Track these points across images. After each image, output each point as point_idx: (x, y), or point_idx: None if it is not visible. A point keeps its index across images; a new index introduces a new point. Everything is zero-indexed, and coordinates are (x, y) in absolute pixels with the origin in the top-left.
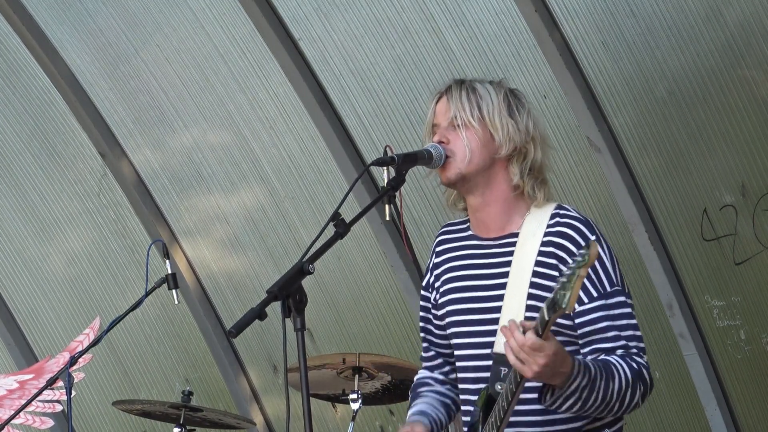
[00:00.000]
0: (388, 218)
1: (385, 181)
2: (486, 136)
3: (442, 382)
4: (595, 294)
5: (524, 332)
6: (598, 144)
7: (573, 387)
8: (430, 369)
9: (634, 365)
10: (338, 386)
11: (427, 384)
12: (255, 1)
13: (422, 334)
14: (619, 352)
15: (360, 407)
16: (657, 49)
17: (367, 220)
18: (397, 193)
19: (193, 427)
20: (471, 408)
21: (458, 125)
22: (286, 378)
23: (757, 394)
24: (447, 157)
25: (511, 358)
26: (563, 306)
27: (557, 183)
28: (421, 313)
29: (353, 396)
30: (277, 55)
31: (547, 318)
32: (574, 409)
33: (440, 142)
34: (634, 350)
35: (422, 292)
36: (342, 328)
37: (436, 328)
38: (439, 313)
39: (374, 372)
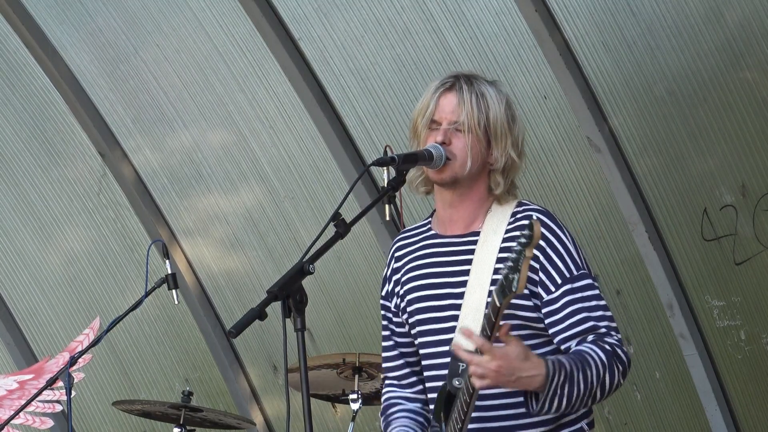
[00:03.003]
0: (388, 218)
1: (385, 181)
2: (485, 145)
3: (412, 400)
4: (560, 281)
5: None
6: (598, 144)
7: (552, 387)
8: (398, 387)
9: (607, 347)
10: (338, 386)
11: (398, 404)
12: (255, 1)
13: (385, 343)
14: (590, 337)
15: (360, 407)
16: (657, 49)
17: (367, 220)
18: (397, 193)
19: (193, 428)
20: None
21: (464, 130)
22: (286, 378)
23: (757, 394)
24: (447, 159)
25: (471, 369)
26: (514, 289)
27: (557, 183)
28: (384, 322)
29: (353, 396)
30: (277, 55)
31: (498, 303)
32: (561, 408)
33: (442, 143)
34: (604, 329)
35: (381, 302)
36: (342, 328)
37: (400, 336)
38: (402, 318)
39: (374, 372)
